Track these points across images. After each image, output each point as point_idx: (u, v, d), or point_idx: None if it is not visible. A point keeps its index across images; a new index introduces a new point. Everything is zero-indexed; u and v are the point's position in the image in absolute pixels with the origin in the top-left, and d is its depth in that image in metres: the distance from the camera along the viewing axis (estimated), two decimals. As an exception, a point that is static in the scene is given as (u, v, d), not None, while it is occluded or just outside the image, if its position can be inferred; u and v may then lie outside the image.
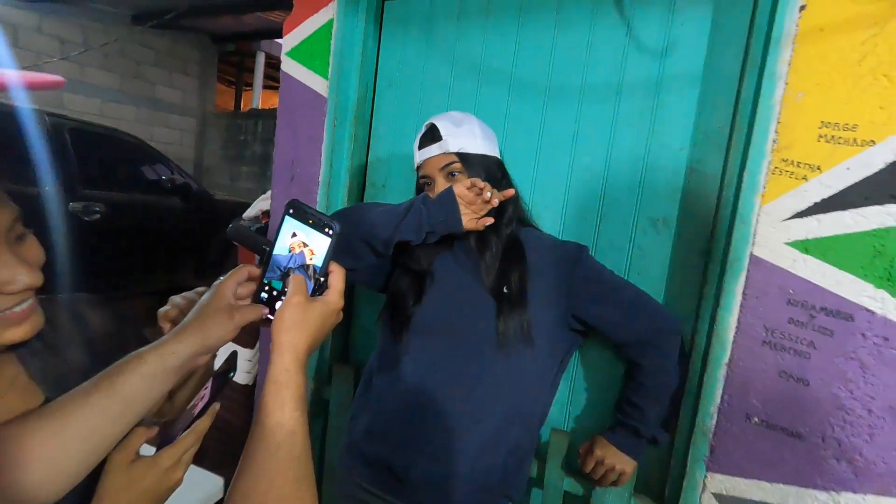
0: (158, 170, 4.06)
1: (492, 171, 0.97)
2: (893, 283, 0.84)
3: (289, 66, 1.37)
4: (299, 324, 0.51)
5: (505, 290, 0.92)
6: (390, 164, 1.37)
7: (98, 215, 3.55)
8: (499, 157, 1.00)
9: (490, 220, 0.90)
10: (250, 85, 7.42)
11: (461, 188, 0.88)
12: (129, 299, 3.91)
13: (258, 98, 6.80)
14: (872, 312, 0.85)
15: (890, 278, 0.84)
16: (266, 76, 7.01)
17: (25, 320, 0.51)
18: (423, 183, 1.01)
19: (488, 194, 0.86)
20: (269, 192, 1.72)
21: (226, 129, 6.58)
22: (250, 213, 1.91)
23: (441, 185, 0.96)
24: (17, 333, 0.50)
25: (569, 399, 1.17)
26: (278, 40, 6.73)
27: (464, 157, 0.95)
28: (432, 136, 0.97)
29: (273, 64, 6.92)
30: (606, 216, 1.12)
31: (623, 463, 0.99)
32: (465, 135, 0.96)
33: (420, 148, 0.99)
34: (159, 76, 6.27)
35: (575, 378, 1.16)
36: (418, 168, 1.01)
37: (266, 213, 1.88)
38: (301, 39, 1.35)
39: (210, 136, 6.78)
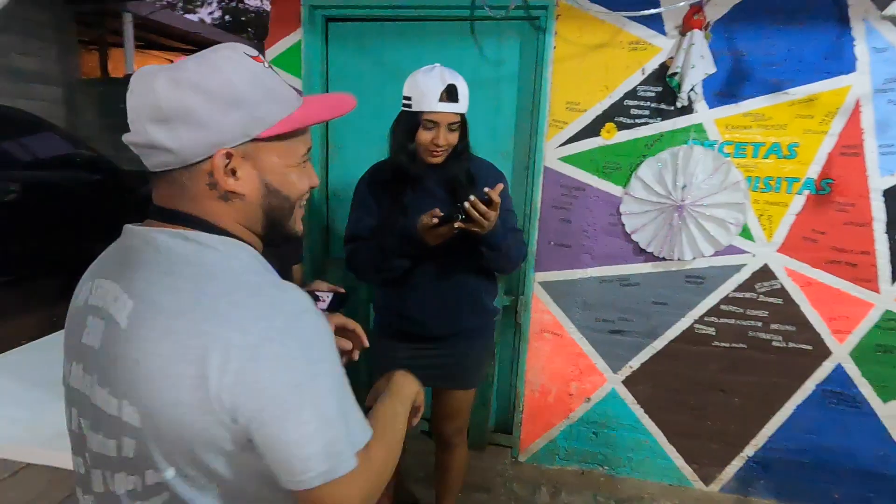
0: (52, 142, 4.04)
1: (467, 131, 1.39)
2: (600, 173, 1.93)
3: (273, 71, 2.09)
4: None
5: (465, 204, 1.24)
6: (344, 132, 2.18)
7: (14, 195, 3.65)
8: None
9: (448, 231, 1.25)
10: (115, 46, 7.07)
11: (426, 221, 1.25)
12: (44, 278, 3.96)
13: (132, 61, 6.60)
14: (592, 186, 1.94)
15: (598, 170, 1.93)
16: (137, 38, 6.76)
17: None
18: (427, 124, 1.30)
19: (434, 220, 1.24)
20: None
21: (100, 97, 6.37)
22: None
23: (443, 132, 1.30)
24: (301, 227, 0.66)
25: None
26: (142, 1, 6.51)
27: (462, 118, 1.35)
28: (451, 95, 1.29)
29: (144, 25, 6.69)
30: (477, 152, 2.09)
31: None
32: (467, 99, 1.34)
33: (439, 101, 1.28)
34: (10, 43, 5.82)
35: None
36: (425, 113, 1.30)
37: None
38: (280, 53, 2.07)
39: (82, 106, 6.49)
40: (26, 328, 2.96)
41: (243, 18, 12.10)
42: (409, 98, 1.35)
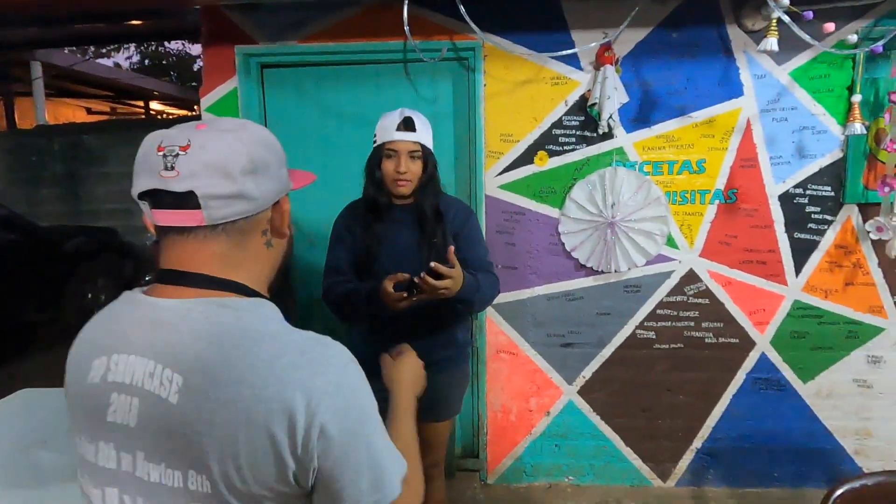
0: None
1: (433, 165, 1.48)
2: (537, 197, 2.07)
3: (209, 118, 2.07)
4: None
5: (434, 241, 1.42)
6: (289, 173, 2.20)
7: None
8: (434, 155, 1.51)
9: (407, 303, 1.31)
10: (23, 95, 6.64)
11: (386, 287, 1.30)
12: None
13: (42, 110, 6.22)
14: (531, 210, 2.07)
15: (535, 195, 2.07)
16: (47, 86, 6.39)
17: None
18: (388, 153, 1.42)
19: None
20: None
21: (10, 150, 5.92)
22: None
23: (405, 160, 1.41)
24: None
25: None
26: (56, 50, 6.19)
27: (424, 148, 1.45)
28: (407, 125, 1.42)
29: (56, 73, 6.34)
30: (422, 186, 2.17)
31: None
32: (427, 132, 1.46)
33: (396, 130, 1.41)
34: None
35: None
36: (386, 143, 1.42)
37: None
38: (216, 100, 2.07)
39: (-14, 160, 5.99)
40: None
41: (165, 62, 11.76)
42: (375, 136, 1.49)
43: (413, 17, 1.83)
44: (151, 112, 9.58)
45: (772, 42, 1.54)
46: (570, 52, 1.87)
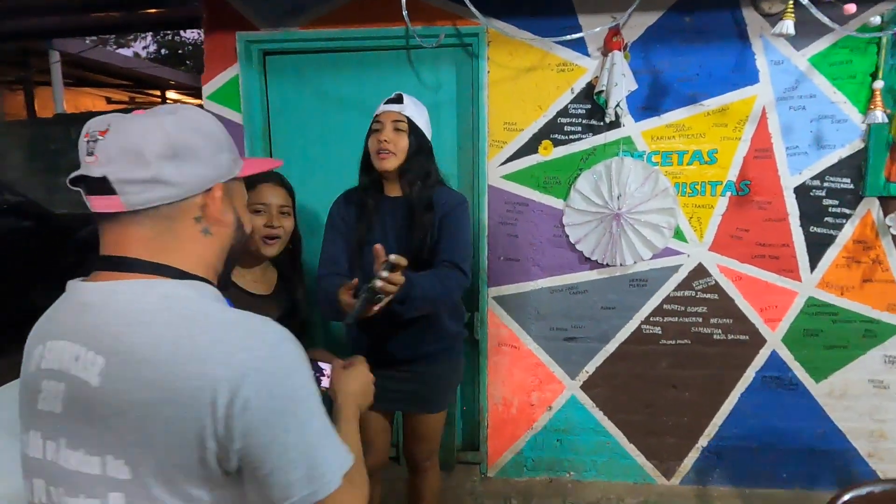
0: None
1: (423, 146, 1.40)
2: (541, 188, 2.02)
3: (211, 106, 2.06)
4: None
5: (418, 235, 1.38)
6: (289, 160, 2.18)
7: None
8: (430, 142, 1.45)
9: (373, 311, 1.20)
10: (42, 85, 6.75)
11: (344, 299, 1.22)
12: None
13: (61, 100, 6.32)
14: (535, 201, 2.02)
15: (539, 185, 2.02)
16: (66, 75, 6.49)
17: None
18: (374, 127, 1.40)
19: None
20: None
21: (29, 139, 6.04)
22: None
23: (388, 130, 1.37)
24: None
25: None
26: (75, 39, 6.26)
27: (410, 122, 1.38)
28: (395, 99, 1.41)
29: (74, 62, 6.43)
30: (424, 176, 2.13)
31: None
32: (418, 112, 1.41)
33: (385, 104, 1.42)
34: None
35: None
36: (375, 117, 1.41)
37: None
38: (217, 88, 2.06)
39: (6, 148, 6.13)
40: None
41: (181, 51, 11.84)
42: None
43: (415, 2, 1.78)
44: (168, 101, 9.68)
45: (788, 25, 1.46)
46: (576, 36, 1.80)
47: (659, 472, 2.18)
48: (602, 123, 1.94)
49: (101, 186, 0.56)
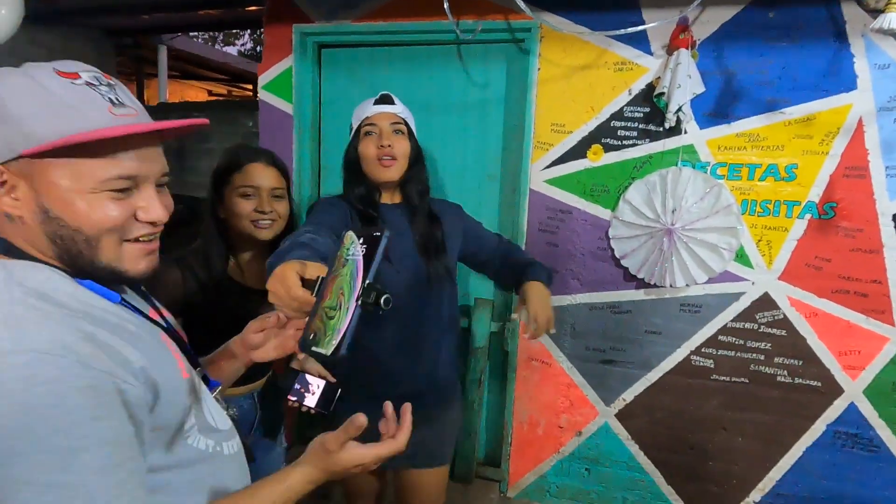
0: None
1: (420, 152, 1.28)
2: (587, 195, 1.87)
3: (265, 96, 2.14)
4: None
5: (432, 248, 1.24)
6: (335, 153, 2.19)
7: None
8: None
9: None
10: (152, 76, 7.48)
11: (293, 286, 0.94)
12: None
13: (164, 91, 6.96)
14: (579, 209, 1.88)
15: (584, 193, 1.87)
16: (171, 68, 7.15)
17: (150, 255, 0.61)
18: (368, 130, 1.21)
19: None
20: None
21: (136, 124, 6.70)
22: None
23: (387, 133, 1.20)
24: (140, 266, 0.60)
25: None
26: (180, 35, 6.88)
27: (406, 124, 1.24)
28: (385, 100, 1.25)
29: (178, 56, 7.07)
30: (465, 176, 2.06)
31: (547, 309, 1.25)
32: (408, 113, 1.27)
33: (375, 104, 1.24)
34: (56, 75, 6.22)
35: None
36: (366, 120, 1.22)
37: None
38: (272, 78, 2.12)
39: (118, 132, 6.84)
40: None
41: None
42: (350, 126, 1.30)
43: (464, -5, 1.72)
44: (258, 96, 10.35)
45: (891, 18, 1.22)
46: (634, 30, 1.63)
47: (699, 522, 1.94)
48: (661, 129, 1.76)
49: None
